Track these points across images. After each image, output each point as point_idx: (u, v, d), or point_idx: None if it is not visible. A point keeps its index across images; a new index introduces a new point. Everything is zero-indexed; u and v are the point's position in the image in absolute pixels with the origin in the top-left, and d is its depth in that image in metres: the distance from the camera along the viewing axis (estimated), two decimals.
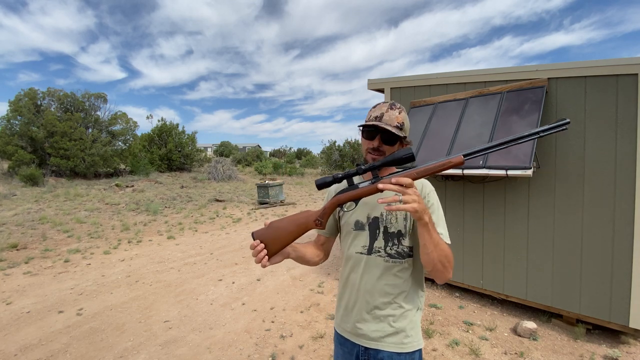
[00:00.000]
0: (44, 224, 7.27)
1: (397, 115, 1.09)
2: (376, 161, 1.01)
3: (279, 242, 1.06)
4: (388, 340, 1.11)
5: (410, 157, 0.94)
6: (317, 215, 1.09)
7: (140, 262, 5.17)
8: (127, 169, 18.48)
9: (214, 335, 3.00)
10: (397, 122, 1.09)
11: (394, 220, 1.12)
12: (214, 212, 9.46)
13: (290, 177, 22.04)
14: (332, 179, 1.04)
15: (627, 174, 2.68)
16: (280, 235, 1.06)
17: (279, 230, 1.06)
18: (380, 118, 1.09)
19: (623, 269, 2.72)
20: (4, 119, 15.75)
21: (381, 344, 1.11)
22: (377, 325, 1.12)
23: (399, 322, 1.12)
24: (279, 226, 1.07)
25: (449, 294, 3.85)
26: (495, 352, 2.69)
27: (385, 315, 1.12)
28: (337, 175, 1.04)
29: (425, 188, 1.15)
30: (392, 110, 1.10)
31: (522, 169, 2.77)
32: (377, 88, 4.59)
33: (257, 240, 1.03)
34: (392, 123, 1.08)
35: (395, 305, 1.12)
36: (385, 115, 1.09)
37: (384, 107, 1.12)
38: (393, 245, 1.12)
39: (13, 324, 3.19)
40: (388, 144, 1.10)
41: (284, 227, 1.07)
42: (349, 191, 1.05)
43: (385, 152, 1.11)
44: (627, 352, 2.68)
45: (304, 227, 1.08)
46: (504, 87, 3.38)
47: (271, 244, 1.05)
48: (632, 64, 2.65)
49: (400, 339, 1.11)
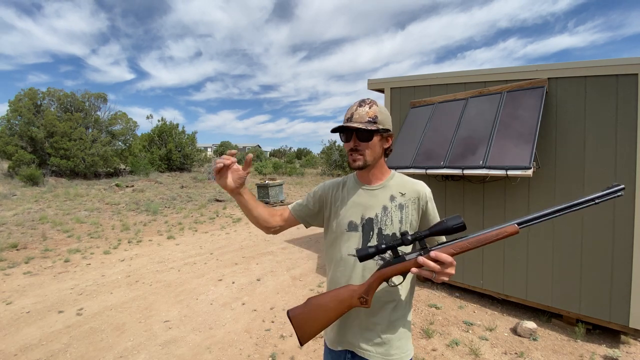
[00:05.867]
0: (44, 224, 7.27)
1: (368, 111, 1.07)
2: (423, 231, 0.94)
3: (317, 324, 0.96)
4: (375, 350, 1.08)
5: (460, 227, 0.88)
6: (362, 292, 0.98)
7: (140, 262, 5.16)
8: (127, 169, 18.48)
9: (214, 335, 3.00)
10: (368, 117, 1.06)
11: (389, 222, 1.10)
12: (214, 212, 9.46)
13: (290, 177, 22.04)
14: (375, 250, 0.95)
15: (627, 174, 2.68)
16: (319, 316, 0.96)
17: (318, 310, 0.96)
18: (351, 118, 1.08)
19: (623, 269, 2.72)
20: (4, 119, 15.76)
21: (367, 353, 1.09)
22: (365, 334, 1.09)
23: (387, 333, 1.09)
24: (319, 304, 0.97)
25: (449, 294, 3.85)
26: (495, 352, 2.69)
27: (373, 323, 1.09)
28: (381, 245, 0.95)
29: (426, 195, 1.13)
30: (361, 107, 1.08)
31: (522, 169, 2.76)
32: (377, 88, 4.59)
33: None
34: (362, 119, 1.06)
35: (385, 313, 1.09)
36: (355, 114, 1.08)
37: (354, 106, 1.10)
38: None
39: (13, 324, 3.19)
40: (364, 141, 1.07)
41: (324, 306, 0.96)
42: (395, 264, 0.97)
43: (364, 149, 1.08)
44: (627, 352, 2.68)
45: (347, 305, 0.97)
46: (504, 87, 3.38)
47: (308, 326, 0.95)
48: (632, 64, 2.65)
49: (387, 350, 1.08)
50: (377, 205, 1.12)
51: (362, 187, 1.17)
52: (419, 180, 1.19)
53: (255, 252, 5.75)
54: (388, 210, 1.11)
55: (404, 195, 1.13)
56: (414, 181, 1.17)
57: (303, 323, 0.96)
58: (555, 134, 3.06)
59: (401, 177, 1.19)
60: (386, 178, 1.17)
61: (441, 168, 3.28)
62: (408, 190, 1.14)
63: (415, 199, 1.13)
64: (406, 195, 1.13)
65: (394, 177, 1.18)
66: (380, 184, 1.16)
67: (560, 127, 3.04)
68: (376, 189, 1.15)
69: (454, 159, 3.25)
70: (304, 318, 0.96)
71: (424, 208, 1.13)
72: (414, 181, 1.17)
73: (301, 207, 1.25)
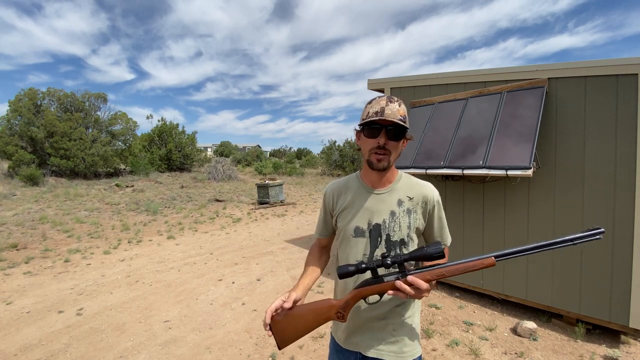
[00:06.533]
0: (44, 224, 7.27)
1: (399, 108, 0.99)
2: (403, 255, 0.95)
3: (295, 332, 1.03)
4: (388, 349, 1.08)
5: (440, 256, 0.92)
6: (339, 307, 1.03)
7: (140, 262, 5.16)
8: (127, 169, 18.49)
9: (214, 335, 3.00)
10: (399, 116, 0.99)
11: (397, 228, 1.07)
12: (214, 212, 9.46)
13: (290, 177, 22.04)
14: (355, 269, 0.97)
15: (627, 174, 2.68)
16: (297, 326, 1.03)
17: (297, 320, 1.03)
18: (382, 113, 0.98)
19: (623, 269, 2.72)
20: (4, 119, 15.76)
21: (381, 353, 1.08)
22: (377, 335, 1.09)
23: (399, 331, 1.09)
24: (298, 314, 1.04)
25: (449, 294, 3.85)
26: (495, 352, 2.69)
27: (385, 324, 1.09)
28: (361, 265, 0.97)
29: (434, 198, 1.11)
30: (391, 103, 0.99)
31: (522, 169, 2.76)
32: (377, 88, 4.59)
33: (268, 327, 1.02)
34: (395, 117, 0.98)
35: (395, 314, 1.09)
36: (386, 109, 0.98)
37: (382, 101, 1.01)
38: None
39: (13, 324, 3.19)
40: (394, 140, 1.01)
41: (303, 316, 1.04)
42: (372, 285, 0.99)
43: (392, 150, 1.02)
44: (627, 352, 2.68)
45: (325, 317, 1.04)
46: (504, 87, 3.38)
47: (287, 333, 1.03)
48: (632, 64, 2.65)
49: (400, 347, 1.08)
50: (385, 210, 1.09)
51: (369, 190, 1.12)
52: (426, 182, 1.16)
53: (255, 252, 5.76)
54: (396, 216, 1.08)
55: (412, 200, 1.09)
56: (422, 183, 1.13)
57: (281, 330, 1.03)
58: (555, 134, 3.06)
59: (409, 178, 1.15)
60: (394, 180, 1.13)
61: (441, 168, 3.28)
62: (416, 194, 1.10)
63: (423, 203, 1.10)
64: (414, 199, 1.09)
65: (401, 179, 1.13)
66: (388, 187, 1.11)
67: (560, 127, 3.04)
68: (383, 192, 1.11)
69: (454, 159, 3.25)
70: (282, 326, 1.02)
71: (430, 212, 1.11)
72: (422, 183, 1.13)
73: (323, 227, 1.26)
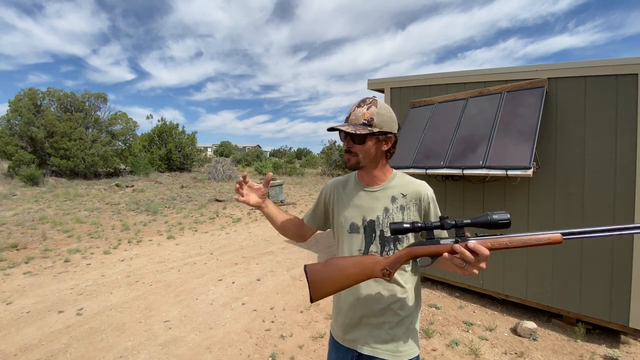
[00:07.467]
0: (44, 224, 7.27)
1: (365, 112, 1.05)
2: (464, 219, 0.88)
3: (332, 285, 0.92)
4: (383, 348, 1.08)
5: (506, 224, 0.84)
6: (387, 264, 0.93)
7: (140, 262, 5.16)
8: (127, 169, 18.49)
9: (214, 335, 3.00)
10: (363, 119, 1.04)
11: None
12: (214, 212, 9.46)
13: (290, 177, 22.04)
14: (410, 227, 0.91)
15: (627, 173, 2.68)
16: (336, 278, 0.92)
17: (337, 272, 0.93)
18: (348, 119, 1.08)
19: (623, 268, 2.72)
20: (4, 119, 15.76)
21: (376, 351, 1.08)
22: (373, 332, 1.09)
23: (395, 330, 1.09)
24: (340, 266, 0.93)
25: (449, 294, 3.85)
26: (495, 352, 2.69)
27: (381, 322, 1.09)
28: (416, 224, 0.91)
29: (428, 195, 1.12)
30: (359, 108, 1.06)
31: (522, 169, 2.76)
32: (377, 88, 4.59)
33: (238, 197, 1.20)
34: (357, 121, 1.05)
35: (391, 312, 1.09)
36: (351, 115, 1.07)
37: (354, 106, 1.08)
38: (389, 250, 1.09)
39: (13, 324, 3.19)
40: (358, 143, 1.06)
41: (345, 268, 0.93)
42: (428, 245, 0.91)
43: (358, 152, 1.07)
44: (627, 352, 2.68)
45: (369, 273, 0.93)
46: (504, 87, 3.38)
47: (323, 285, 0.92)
48: (632, 64, 2.65)
49: (395, 347, 1.08)
50: (379, 207, 1.12)
51: (363, 188, 1.16)
52: (421, 180, 1.17)
53: (255, 252, 5.75)
54: (389, 212, 1.10)
55: (406, 197, 1.12)
56: (416, 181, 1.16)
57: (318, 281, 0.92)
58: (555, 133, 3.06)
59: (403, 177, 1.17)
60: (387, 179, 1.16)
61: (441, 168, 3.28)
62: (409, 191, 1.12)
63: (417, 200, 1.12)
64: (407, 196, 1.12)
65: (395, 178, 1.16)
66: (381, 185, 1.15)
67: (560, 127, 3.04)
68: (377, 190, 1.14)
69: (454, 159, 3.25)
70: (321, 276, 0.93)
71: (425, 209, 1.12)
72: (416, 181, 1.16)
73: (311, 215, 1.32)
